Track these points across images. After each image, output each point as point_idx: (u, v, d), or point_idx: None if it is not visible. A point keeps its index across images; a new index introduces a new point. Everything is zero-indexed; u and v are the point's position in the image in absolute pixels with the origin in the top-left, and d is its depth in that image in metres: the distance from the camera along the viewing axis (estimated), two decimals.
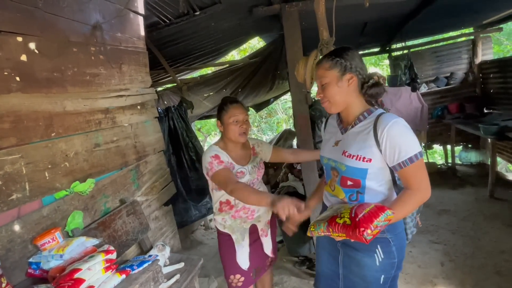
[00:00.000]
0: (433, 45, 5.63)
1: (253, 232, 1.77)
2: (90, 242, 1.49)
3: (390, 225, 1.20)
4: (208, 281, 2.66)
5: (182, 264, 1.97)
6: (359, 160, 1.16)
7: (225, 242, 1.75)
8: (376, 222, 0.99)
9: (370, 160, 1.15)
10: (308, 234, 1.18)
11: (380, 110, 1.22)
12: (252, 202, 1.48)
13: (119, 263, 1.53)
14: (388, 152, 1.12)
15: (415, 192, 1.13)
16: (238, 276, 1.73)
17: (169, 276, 1.85)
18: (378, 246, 1.21)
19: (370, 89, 1.20)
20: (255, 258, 1.77)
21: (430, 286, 2.38)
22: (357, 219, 1.01)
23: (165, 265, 1.93)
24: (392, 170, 1.20)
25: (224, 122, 1.67)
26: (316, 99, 1.41)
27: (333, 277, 1.37)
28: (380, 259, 1.21)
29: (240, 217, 1.71)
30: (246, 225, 1.73)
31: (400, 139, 1.11)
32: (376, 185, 1.20)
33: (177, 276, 1.85)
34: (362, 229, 0.99)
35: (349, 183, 1.21)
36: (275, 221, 1.89)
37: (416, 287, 2.39)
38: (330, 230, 1.08)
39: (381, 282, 1.24)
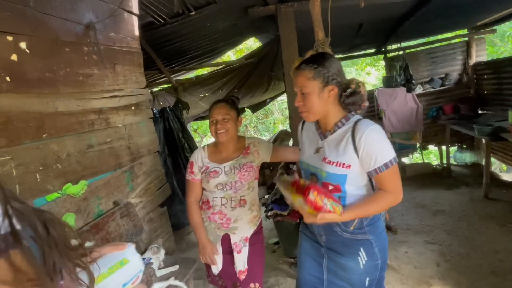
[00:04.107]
0: (428, 47, 5.67)
1: (225, 242, 1.67)
2: None
3: (371, 226, 1.23)
4: (203, 284, 2.64)
5: (176, 267, 1.94)
6: (339, 166, 1.18)
7: None
8: (326, 200, 1.06)
9: (350, 166, 1.17)
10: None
11: (357, 116, 1.23)
12: (192, 225, 1.71)
13: None
14: (365, 158, 1.15)
15: (388, 194, 1.17)
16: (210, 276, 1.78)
17: (164, 278, 1.82)
18: (361, 249, 1.22)
19: (348, 99, 1.20)
20: (223, 271, 1.70)
21: (426, 286, 2.38)
22: (307, 184, 1.09)
23: (159, 268, 1.90)
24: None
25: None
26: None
27: (316, 283, 1.36)
28: (364, 262, 1.22)
29: (215, 221, 1.65)
30: (220, 232, 1.66)
31: (377, 146, 1.14)
32: (355, 188, 1.22)
33: (172, 279, 1.83)
34: (312, 189, 1.06)
35: (330, 187, 1.23)
36: (259, 247, 1.72)
37: None
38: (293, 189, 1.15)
39: (366, 285, 1.24)
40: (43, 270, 0.36)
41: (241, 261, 1.66)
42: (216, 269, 1.70)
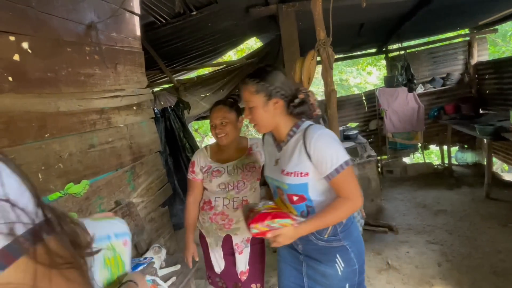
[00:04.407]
0: (429, 46, 5.66)
1: (227, 244, 1.66)
2: None
3: (345, 232, 1.23)
4: (204, 283, 2.64)
5: (178, 266, 1.95)
6: (297, 176, 1.18)
7: (203, 242, 1.75)
8: (270, 223, 1.11)
9: (307, 174, 1.17)
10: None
11: (307, 123, 1.23)
12: (185, 223, 1.75)
13: None
14: (318, 164, 1.15)
15: (346, 201, 1.16)
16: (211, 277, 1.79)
17: (165, 278, 1.83)
18: (337, 255, 1.22)
19: (296, 109, 1.21)
20: (225, 272, 1.71)
21: (428, 286, 2.38)
22: (253, 216, 1.16)
23: (161, 267, 1.91)
24: None
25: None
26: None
27: None
28: (342, 268, 1.22)
29: (217, 223, 1.65)
30: (221, 233, 1.65)
31: (325, 152, 1.13)
32: (320, 194, 1.21)
33: (173, 279, 1.83)
34: (251, 224, 1.13)
35: (295, 198, 1.23)
36: (260, 247, 1.71)
37: None
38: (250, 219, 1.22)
39: None
40: (77, 254, 0.40)
41: (242, 262, 1.66)
42: (218, 268, 1.70)
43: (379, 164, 5.39)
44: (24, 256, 0.31)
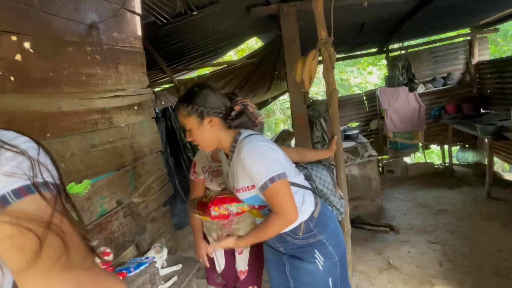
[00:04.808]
0: (430, 46, 5.65)
1: None
2: None
3: (320, 226, 1.24)
4: (206, 283, 2.64)
5: (179, 266, 1.95)
6: (245, 190, 1.18)
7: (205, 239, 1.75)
8: (228, 206, 1.14)
9: (253, 186, 1.16)
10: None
11: (244, 134, 1.20)
12: (191, 225, 1.70)
13: (115, 265, 1.52)
14: (251, 179, 1.14)
15: (277, 216, 1.14)
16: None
17: (167, 278, 1.83)
18: (316, 250, 1.23)
19: (234, 122, 1.21)
20: (225, 271, 1.72)
21: (429, 286, 2.38)
22: (211, 201, 1.19)
23: (162, 267, 1.91)
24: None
25: None
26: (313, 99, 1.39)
27: None
28: (322, 263, 1.23)
29: (218, 222, 1.64)
30: (222, 233, 1.64)
31: (252, 168, 1.11)
32: None
33: (175, 278, 1.83)
34: (212, 207, 1.16)
35: (256, 207, 1.24)
36: (260, 250, 1.66)
37: (415, 287, 2.39)
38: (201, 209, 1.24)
39: (331, 286, 1.26)
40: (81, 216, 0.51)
41: (241, 262, 1.67)
42: (218, 267, 1.71)
43: (380, 164, 5.39)
44: (36, 195, 0.42)
